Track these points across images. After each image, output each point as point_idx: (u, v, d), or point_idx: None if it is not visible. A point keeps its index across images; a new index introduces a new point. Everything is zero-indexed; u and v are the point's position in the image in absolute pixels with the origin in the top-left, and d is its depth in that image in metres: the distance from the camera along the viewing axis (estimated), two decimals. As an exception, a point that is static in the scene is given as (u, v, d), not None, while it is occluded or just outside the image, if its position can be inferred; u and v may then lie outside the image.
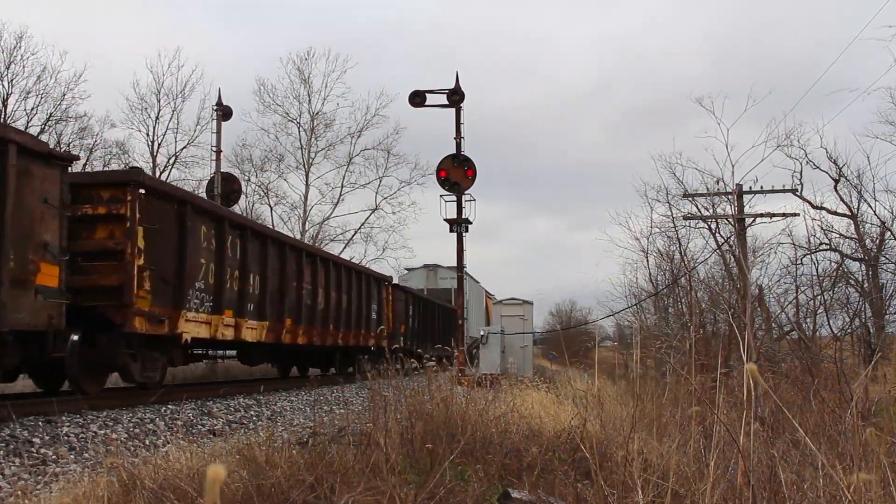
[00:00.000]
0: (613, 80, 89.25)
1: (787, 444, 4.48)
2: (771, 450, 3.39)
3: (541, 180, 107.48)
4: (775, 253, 19.71)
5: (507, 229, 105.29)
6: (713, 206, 19.47)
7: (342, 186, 37.22)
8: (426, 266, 38.82)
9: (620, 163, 75.89)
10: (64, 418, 7.48)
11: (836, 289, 15.64)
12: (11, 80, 28.57)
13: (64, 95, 29.57)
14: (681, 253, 21.06)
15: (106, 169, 26.84)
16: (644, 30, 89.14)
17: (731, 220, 17.68)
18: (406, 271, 38.46)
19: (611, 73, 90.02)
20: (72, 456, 6.21)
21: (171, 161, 33.03)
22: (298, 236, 34.83)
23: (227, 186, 21.70)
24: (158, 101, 33.10)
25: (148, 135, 32.99)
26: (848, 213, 18.93)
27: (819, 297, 14.96)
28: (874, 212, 18.28)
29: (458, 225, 17.74)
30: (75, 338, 8.14)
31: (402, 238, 36.68)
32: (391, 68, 65.11)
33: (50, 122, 29.12)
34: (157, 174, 32.12)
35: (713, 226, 19.30)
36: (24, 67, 28.84)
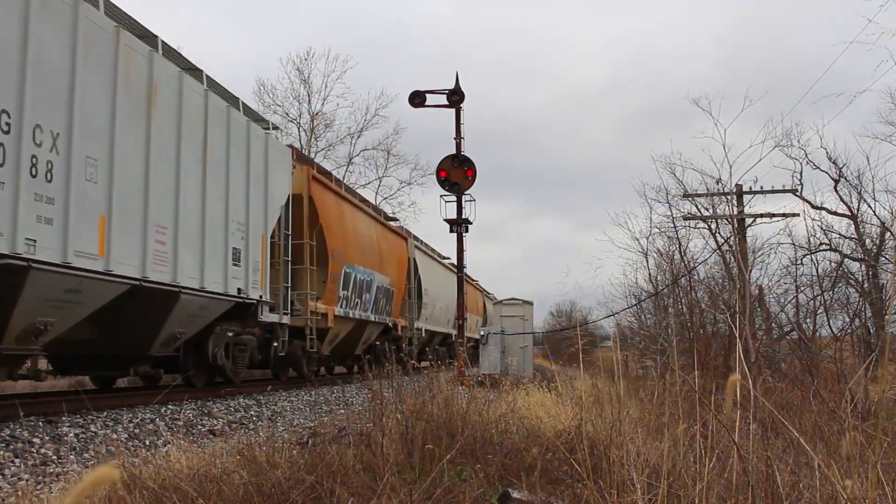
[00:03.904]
0: (625, 80, 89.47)
1: (786, 445, 4.50)
2: (767, 451, 3.41)
3: (549, 180, 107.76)
4: (775, 253, 19.67)
5: (515, 229, 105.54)
6: (713, 206, 19.45)
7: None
8: None
9: (630, 163, 76.20)
10: (64, 418, 7.50)
11: (836, 289, 15.64)
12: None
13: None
14: (680, 253, 21.03)
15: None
16: (658, 31, 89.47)
17: (730, 220, 17.68)
18: None
19: (623, 74, 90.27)
20: (72, 456, 6.22)
21: (171, 161, 32.84)
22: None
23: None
24: (158, 101, 32.87)
25: (148, 135, 32.81)
26: (848, 213, 18.93)
27: (819, 297, 14.97)
28: (874, 212, 18.28)
29: (458, 225, 17.72)
30: None
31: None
32: (403, 69, 65.39)
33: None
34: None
35: (713, 226, 19.27)
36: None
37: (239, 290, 11.08)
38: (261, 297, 11.84)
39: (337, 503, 3.75)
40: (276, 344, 12.95)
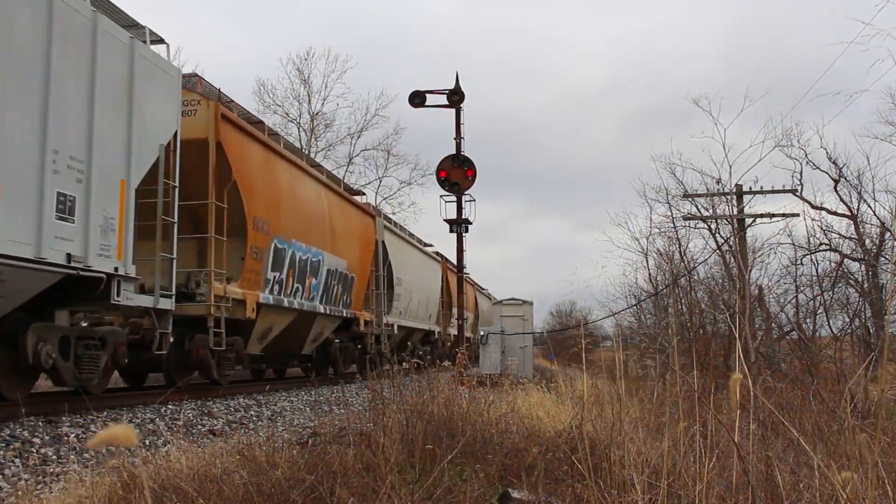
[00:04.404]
0: (625, 80, 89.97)
1: (786, 445, 4.50)
2: (768, 451, 3.41)
3: (549, 180, 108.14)
4: (775, 253, 19.68)
5: (515, 229, 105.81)
6: (713, 206, 19.46)
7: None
8: None
9: (630, 163, 76.47)
10: (64, 418, 7.51)
11: (835, 289, 15.64)
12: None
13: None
14: (680, 253, 21.04)
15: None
16: (658, 31, 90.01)
17: (730, 220, 17.70)
18: None
19: (623, 74, 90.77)
20: (72, 456, 6.23)
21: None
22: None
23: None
24: (158, 101, 32.73)
25: (148, 135, 32.69)
26: (848, 213, 18.94)
27: (819, 297, 14.98)
28: (874, 212, 18.28)
29: (458, 225, 17.74)
30: None
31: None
32: (403, 69, 65.66)
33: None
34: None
35: (713, 226, 19.29)
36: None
37: (70, 256, 7.55)
38: (116, 269, 8.16)
39: (337, 503, 3.76)
40: (173, 339, 9.67)
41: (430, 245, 28.43)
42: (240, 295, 11.43)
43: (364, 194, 20.44)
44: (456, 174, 17.52)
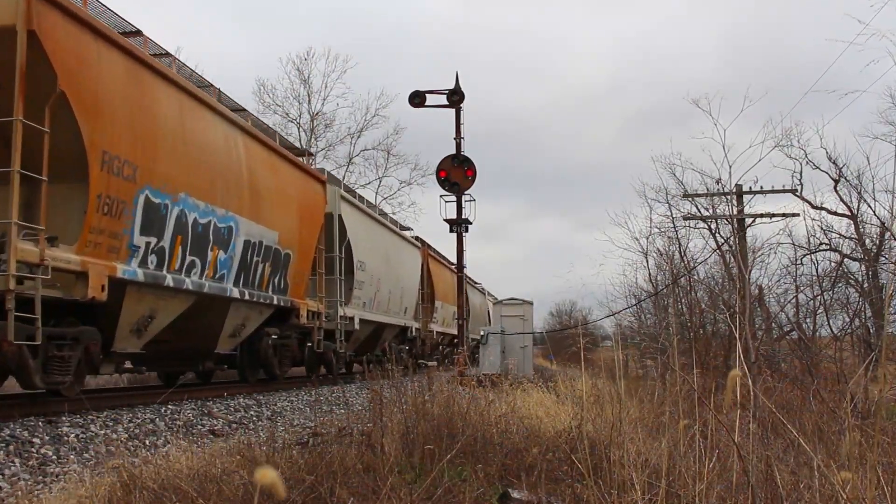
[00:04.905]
0: (625, 80, 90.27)
1: (786, 445, 4.50)
2: (768, 451, 3.41)
3: (549, 180, 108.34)
4: (775, 253, 19.68)
5: (515, 229, 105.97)
6: (713, 206, 19.46)
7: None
8: None
9: (630, 163, 76.67)
10: (64, 418, 7.51)
11: (835, 289, 15.64)
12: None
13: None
14: (680, 253, 21.04)
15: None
16: (658, 31, 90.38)
17: (730, 220, 17.69)
18: None
19: (623, 74, 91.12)
20: (72, 456, 6.23)
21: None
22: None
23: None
24: (158, 101, 32.52)
25: (147, 135, 32.52)
26: (848, 213, 18.92)
27: (819, 297, 14.98)
28: (874, 212, 18.27)
29: (458, 225, 17.75)
30: None
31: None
32: (403, 69, 65.77)
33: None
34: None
35: (713, 226, 19.28)
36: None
37: None
38: None
39: (337, 503, 3.76)
40: None
41: (409, 229, 26.07)
42: (76, 264, 7.65)
43: (312, 155, 16.04)
44: (456, 174, 17.53)
